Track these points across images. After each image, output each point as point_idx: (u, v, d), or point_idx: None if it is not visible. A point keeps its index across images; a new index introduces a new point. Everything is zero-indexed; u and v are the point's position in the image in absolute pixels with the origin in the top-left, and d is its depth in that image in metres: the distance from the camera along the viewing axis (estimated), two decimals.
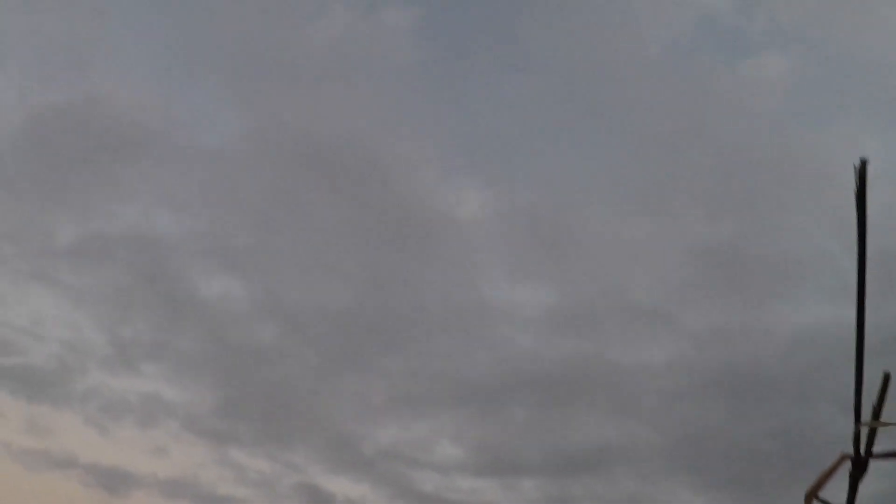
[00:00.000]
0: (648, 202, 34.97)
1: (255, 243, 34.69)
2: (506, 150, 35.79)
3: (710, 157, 35.36)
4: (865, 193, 4.89)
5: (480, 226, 35.06)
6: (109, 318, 34.97)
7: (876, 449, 5.59)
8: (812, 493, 10.34)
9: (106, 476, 32.59)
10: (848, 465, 5.70)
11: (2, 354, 33.60)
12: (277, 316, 34.59)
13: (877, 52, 33.70)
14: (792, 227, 34.38)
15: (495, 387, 34.56)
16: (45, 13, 35.74)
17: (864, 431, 5.50)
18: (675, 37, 35.36)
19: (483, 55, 36.27)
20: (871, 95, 33.91)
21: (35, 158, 35.25)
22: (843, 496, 5.66)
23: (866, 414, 5.41)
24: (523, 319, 35.03)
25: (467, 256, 34.83)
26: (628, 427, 34.91)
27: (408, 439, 34.45)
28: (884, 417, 5.42)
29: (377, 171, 34.12)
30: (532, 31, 35.94)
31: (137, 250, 34.88)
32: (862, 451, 5.60)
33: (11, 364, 33.66)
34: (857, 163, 4.84)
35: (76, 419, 33.47)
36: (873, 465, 5.56)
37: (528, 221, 34.73)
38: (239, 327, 34.66)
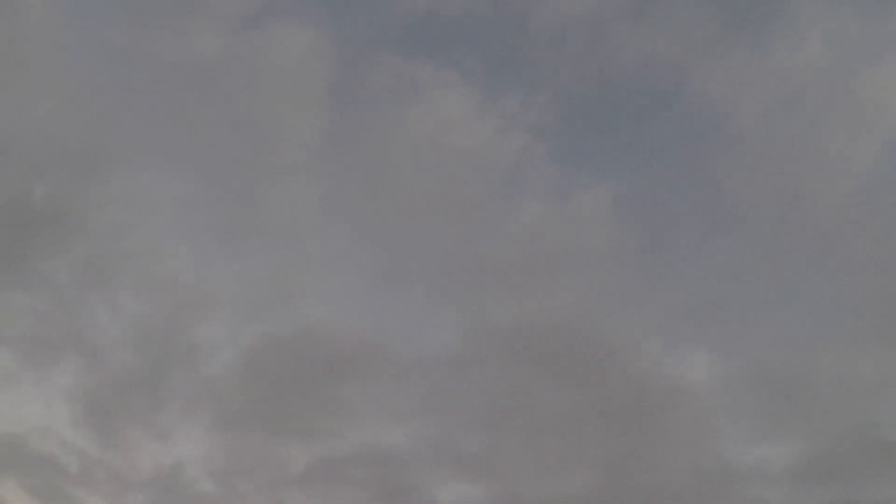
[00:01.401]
0: (880, 332, 33.72)
1: (486, 443, 34.59)
2: (725, 307, 35.44)
3: None
4: None
5: (713, 388, 34.44)
6: None
7: None
8: None
9: None
10: None
11: None
12: None
13: None
14: None
15: None
16: (249, 254, 37.54)
17: None
18: (866, 164, 35.05)
19: (684, 221, 36.47)
20: None
21: (256, 392, 36.27)
22: None
23: None
24: (771, 476, 33.70)
25: (704, 422, 33.96)
26: None
27: None
28: None
29: (598, 352, 34.02)
30: (727, 190, 36.13)
31: (369, 467, 35.09)
32: None
33: None
34: None
35: None
36: None
37: (761, 375, 33.91)
38: None
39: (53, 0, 37.91)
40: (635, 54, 37.76)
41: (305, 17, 38.82)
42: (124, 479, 35.27)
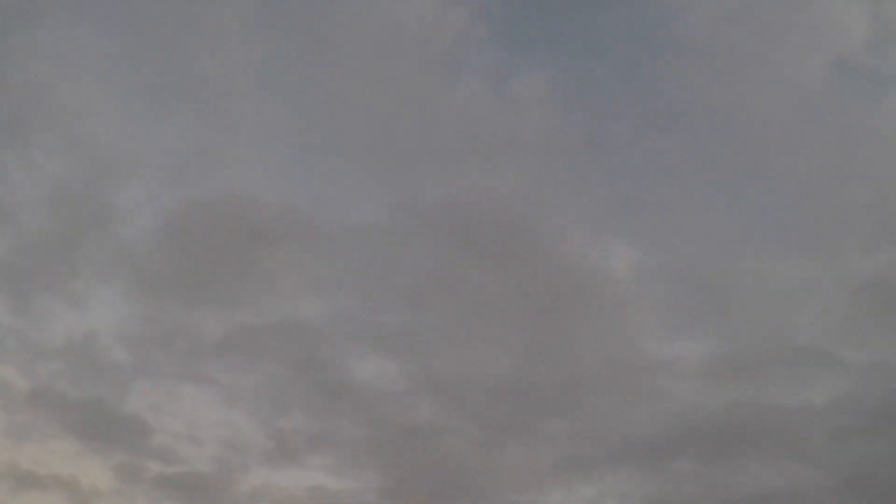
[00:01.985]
0: (802, 243, 34.72)
1: (406, 320, 34.55)
2: (654, 204, 35.74)
3: (862, 192, 35.26)
4: None
5: (634, 282, 34.99)
6: (266, 412, 34.81)
7: None
8: None
9: None
10: None
11: (164, 464, 33.54)
12: (436, 391, 34.31)
13: None
14: None
15: (659, 441, 34.00)
16: (176, 117, 36.27)
17: None
18: (810, 81, 35.48)
19: (621, 116, 36.42)
20: None
21: (175, 259, 35.50)
22: None
23: None
24: (683, 371, 34.54)
25: (622, 314, 34.52)
26: (795, 471, 34.04)
27: (576, 503, 33.82)
28: None
29: (525, 238, 34.08)
30: (668, 89, 36.15)
31: (287, 339, 34.81)
32: None
33: (173, 472, 33.48)
34: None
35: None
36: None
37: (682, 273, 34.54)
38: (398, 407, 34.42)
39: None
40: None
41: None
42: (36, 347, 34.31)
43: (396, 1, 36.37)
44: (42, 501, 32.08)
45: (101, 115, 36.63)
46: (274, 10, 36.67)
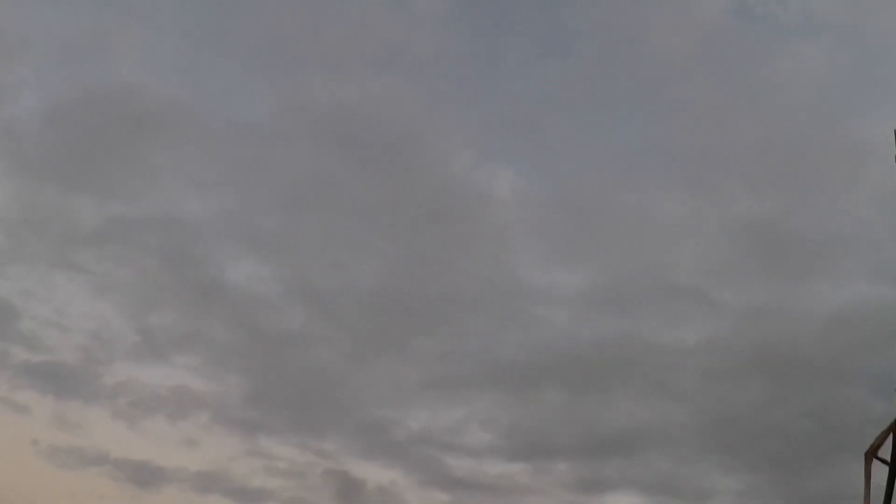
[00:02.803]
0: (687, 181, 34.87)
1: (283, 224, 34.24)
2: (541, 132, 35.47)
3: (751, 136, 35.29)
4: None
5: (515, 207, 34.79)
6: (136, 306, 34.41)
7: None
8: (871, 453, 9.97)
9: (136, 471, 32.07)
10: None
11: (29, 351, 33.11)
12: (307, 299, 34.07)
13: None
14: (832, 205, 34.21)
15: (529, 368, 34.05)
16: (68, 4, 35.13)
17: None
18: (710, 21, 35.21)
19: (518, 39, 36.01)
20: None
21: (57, 143, 34.55)
22: None
23: None
24: (558, 300, 34.55)
25: (502, 237, 34.39)
26: (663, 408, 34.50)
27: (440, 423, 34.08)
28: None
29: (411, 153, 33.62)
30: (568, 14, 35.62)
31: (163, 234, 34.41)
32: None
33: (39, 361, 33.11)
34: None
35: (105, 414, 32.96)
36: None
37: (564, 201, 34.41)
38: (268, 312, 34.19)
39: None
40: None
41: None
42: None
43: None
44: None
45: None
46: None
